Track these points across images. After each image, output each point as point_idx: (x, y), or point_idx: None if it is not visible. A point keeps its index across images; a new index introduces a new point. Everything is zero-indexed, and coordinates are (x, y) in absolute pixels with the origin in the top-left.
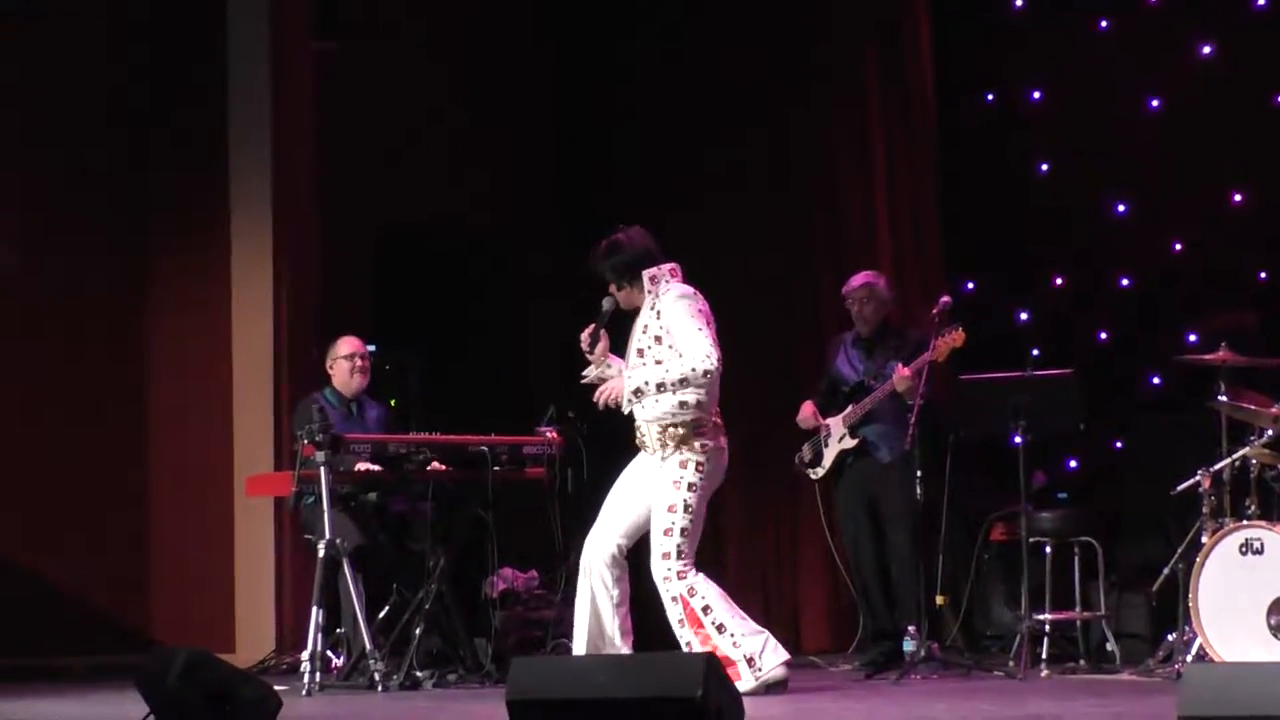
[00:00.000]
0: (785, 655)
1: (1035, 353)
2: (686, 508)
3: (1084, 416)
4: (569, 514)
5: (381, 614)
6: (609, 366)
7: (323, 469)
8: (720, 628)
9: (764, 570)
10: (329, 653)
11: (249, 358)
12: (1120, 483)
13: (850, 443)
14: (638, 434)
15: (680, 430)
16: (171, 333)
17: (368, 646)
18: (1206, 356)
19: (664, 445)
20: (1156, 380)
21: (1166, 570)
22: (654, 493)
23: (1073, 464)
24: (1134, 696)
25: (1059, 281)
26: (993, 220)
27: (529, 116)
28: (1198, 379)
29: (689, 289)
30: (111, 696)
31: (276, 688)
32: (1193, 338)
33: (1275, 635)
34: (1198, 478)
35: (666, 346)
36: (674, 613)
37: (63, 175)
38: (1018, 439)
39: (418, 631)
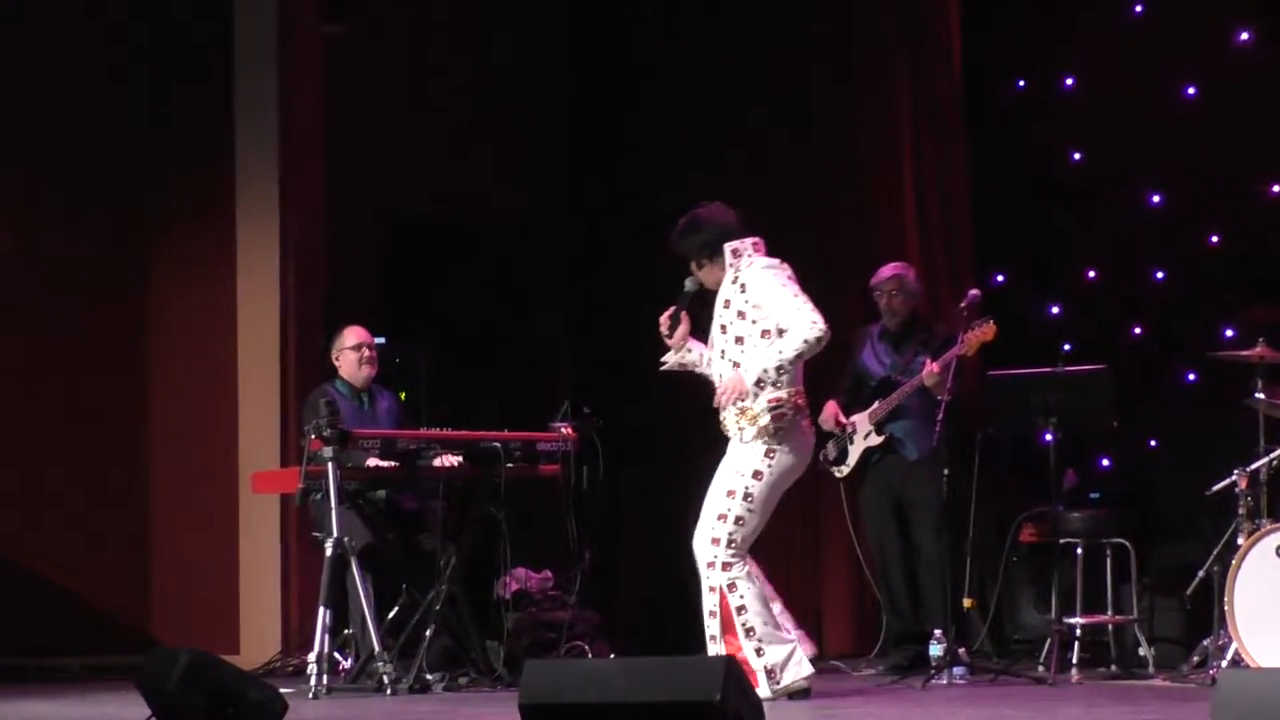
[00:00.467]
0: (809, 670)
1: (1066, 347)
2: (747, 496)
3: (1116, 414)
4: (584, 513)
5: (391, 615)
6: (689, 351)
7: (330, 464)
8: (750, 631)
9: (786, 571)
10: (336, 654)
11: (254, 349)
12: (1154, 482)
13: (876, 440)
14: (721, 422)
15: (755, 414)
16: (174, 324)
17: (376, 648)
18: (1243, 352)
19: (740, 429)
20: (1192, 377)
21: (1201, 573)
22: (721, 472)
23: (1105, 463)
24: (1167, 703)
25: (1091, 274)
26: (1023, 210)
27: (540, 102)
28: (1234, 376)
29: (773, 259)
30: (112, 698)
31: (282, 690)
32: (1229, 333)
33: None
34: (1234, 477)
35: (750, 322)
36: (708, 601)
37: (63, 163)
38: (1048, 437)
39: (428, 633)
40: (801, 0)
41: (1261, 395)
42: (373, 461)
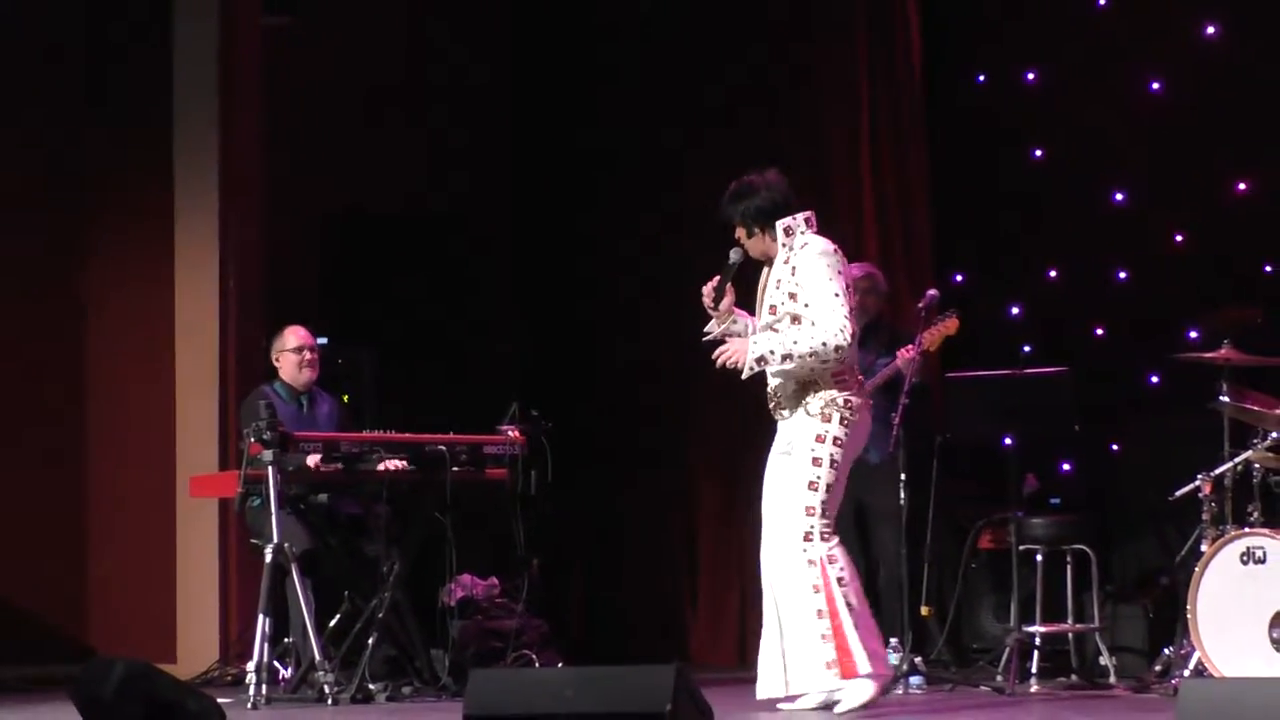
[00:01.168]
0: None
1: (1027, 349)
2: (833, 462)
3: (1078, 417)
4: (532, 518)
5: (332, 623)
6: (734, 322)
7: (270, 469)
8: (850, 607)
9: (741, 577)
10: (276, 664)
11: (193, 350)
12: (1116, 488)
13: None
14: (770, 398)
15: (821, 391)
16: (111, 325)
17: (317, 657)
18: (1208, 354)
19: (803, 407)
20: (1155, 379)
21: (1164, 580)
22: (796, 445)
23: (1066, 467)
24: (1129, 713)
25: (1053, 274)
26: (983, 209)
27: (484, 98)
28: (1199, 378)
29: (830, 245)
30: (46, 709)
31: (220, 700)
32: (1194, 334)
33: (1277, 649)
34: (1198, 482)
35: (802, 305)
36: (807, 576)
37: None
38: (1008, 441)
39: (370, 641)
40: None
41: (1226, 398)
42: (313, 462)
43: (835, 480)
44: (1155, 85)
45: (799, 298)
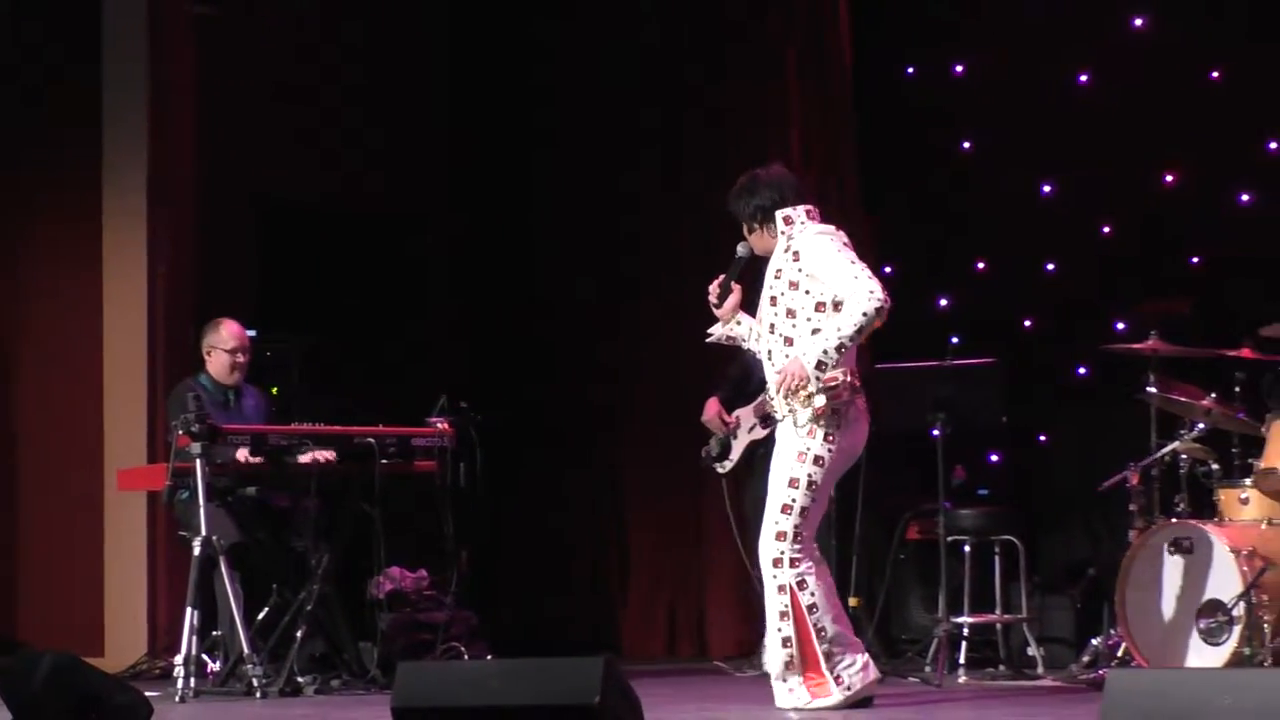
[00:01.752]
0: (875, 675)
1: (955, 341)
2: (810, 484)
3: (1006, 408)
4: (461, 510)
5: (261, 616)
6: (738, 324)
7: (199, 461)
8: (821, 632)
9: (670, 570)
10: (204, 657)
11: (121, 342)
12: (1044, 479)
13: (761, 433)
14: (769, 403)
15: (810, 394)
16: (38, 315)
17: (246, 650)
18: (1136, 345)
19: (792, 412)
20: (1083, 370)
21: (1091, 571)
22: (779, 461)
23: (994, 458)
24: (1056, 703)
25: (981, 266)
26: (912, 200)
27: (422, 85)
28: (1127, 369)
29: (827, 225)
30: None
31: (148, 694)
32: (1121, 326)
33: (1205, 640)
34: (1125, 473)
35: (804, 293)
36: (776, 602)
37: None
38: (936, 432)
39: (299, 634)
40: None
41: (1154, 389)
42: (242, 456)
43: (813, 503)
44: (1083, 78)
45: (801, 286)
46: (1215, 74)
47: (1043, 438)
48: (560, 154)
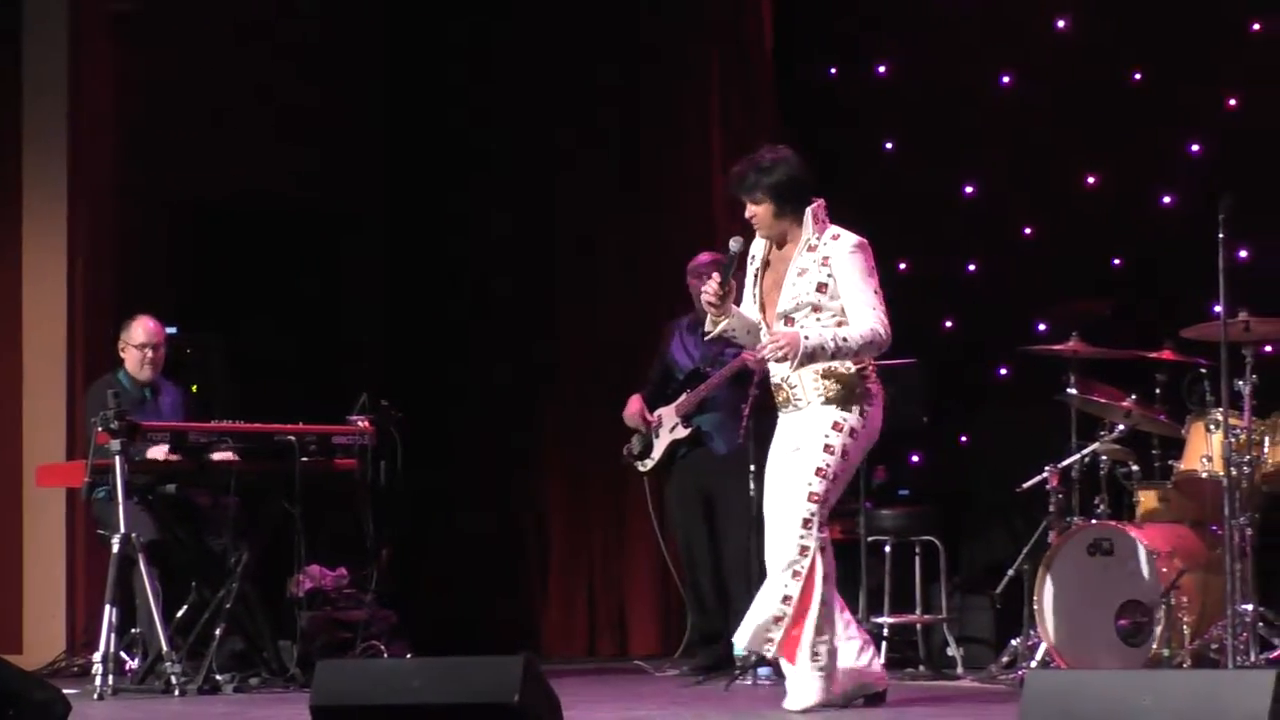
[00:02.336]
0: (870, 670)
1: None
2: (844, 453)
3: (928, 409)
4: (382, 509)
5: (180, 614)
6: (733, 317)
7: (118, 458)
8: (825, 604)
9: (590, 568)
10: (123, 654)
11: (41, 339)
12: (964, 479)
13: (683, 432)
14: (779, 391)
15: (839, 383)
16: None
17: (164, 648)
18: (1056, 347)
19: (823, 394)
20: (1004, 371)
21: (1011, 571)
22: (811, 431)
23: (915, 459)
24: (975, 704)
25: (902, 266)
26: (835, 200)
27: (351, 85)
28: (1047, 370)
29: (859, 239)
30: None
31: (66, 691)
32: (1042, 327)
33: (1124, 641)
34: (1045, 474)
35: (830, 297)
36: (791, 562)
37: None
38: None
39: (218, 632)
40: None
41: (1074, 390)
42: (158, 452)
43: (843, 472)
44: (1006, 79)
45: (828, 290)
46: (1138, 76)
47: (963, 438)
48: (484, 154)
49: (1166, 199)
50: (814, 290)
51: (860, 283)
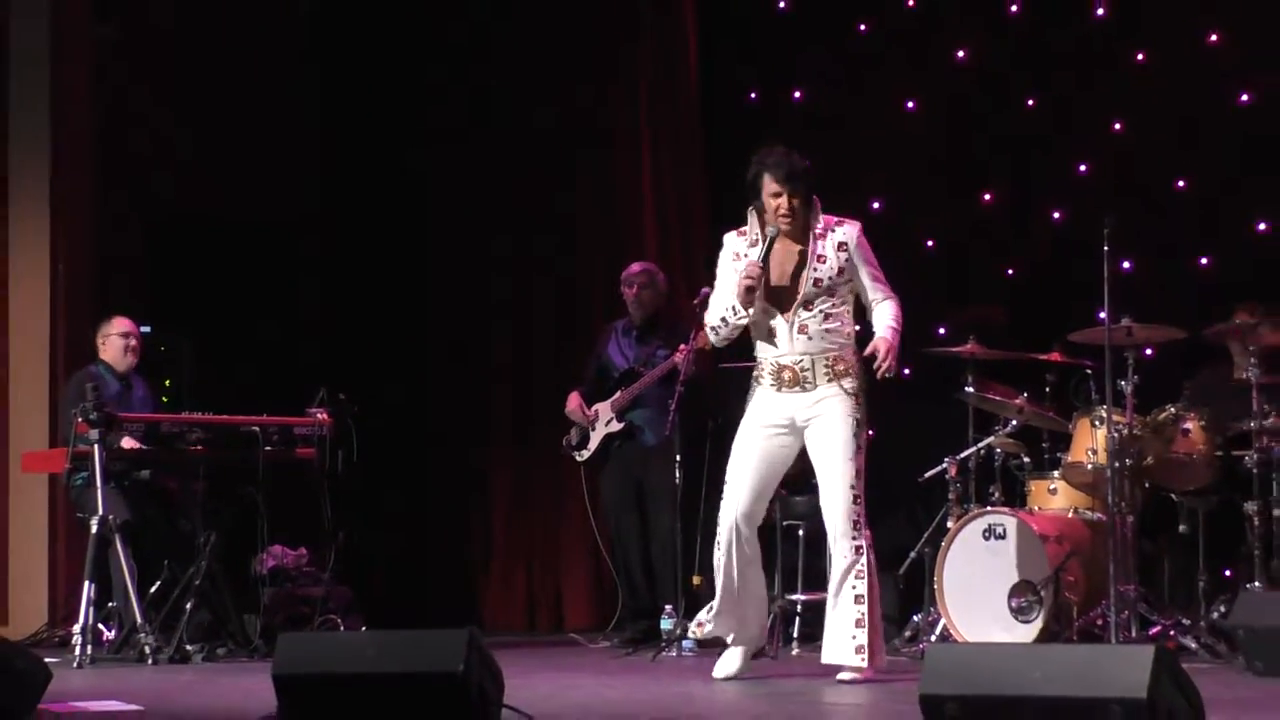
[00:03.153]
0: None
1: None
2: (864, 449)
3: None
4: (338, 494)
5: (153, 589)
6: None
7: (96, 446)
8: (878, 596)
9: (529, 549)
10: (101, 626)
11: (25, 339)
12: (871, 470)
13: (617, 426)
14: (783, 370)
15: (845, 363)
16: None
17: (139, 621)
18: (955, 349)
19: (833, 377)
20: (907, 371)
21: (913, 554)
22: (833, 431)
23: None
24: (880, 674)
25: None
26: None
27: (301, 104)
28: (947, 370)
29: (859, 224)
30: None
31: (48, 660)
32: (942, 330)
33: (1015, 617)
34: (945, 465)
35: (846, 280)
36: (851, 563)
37: None
38: None
39: (188, 606)
40: (555, 14)
41: (972, 389)
42: (129, 443)
43: (865, 464)
44: (910, 104)
45: (845, 273)
46: (1030, 102)
47: (870, 432)
48: (437, 166)
49: (1056, 215)
50: (835, 274)
51: (873, 263)
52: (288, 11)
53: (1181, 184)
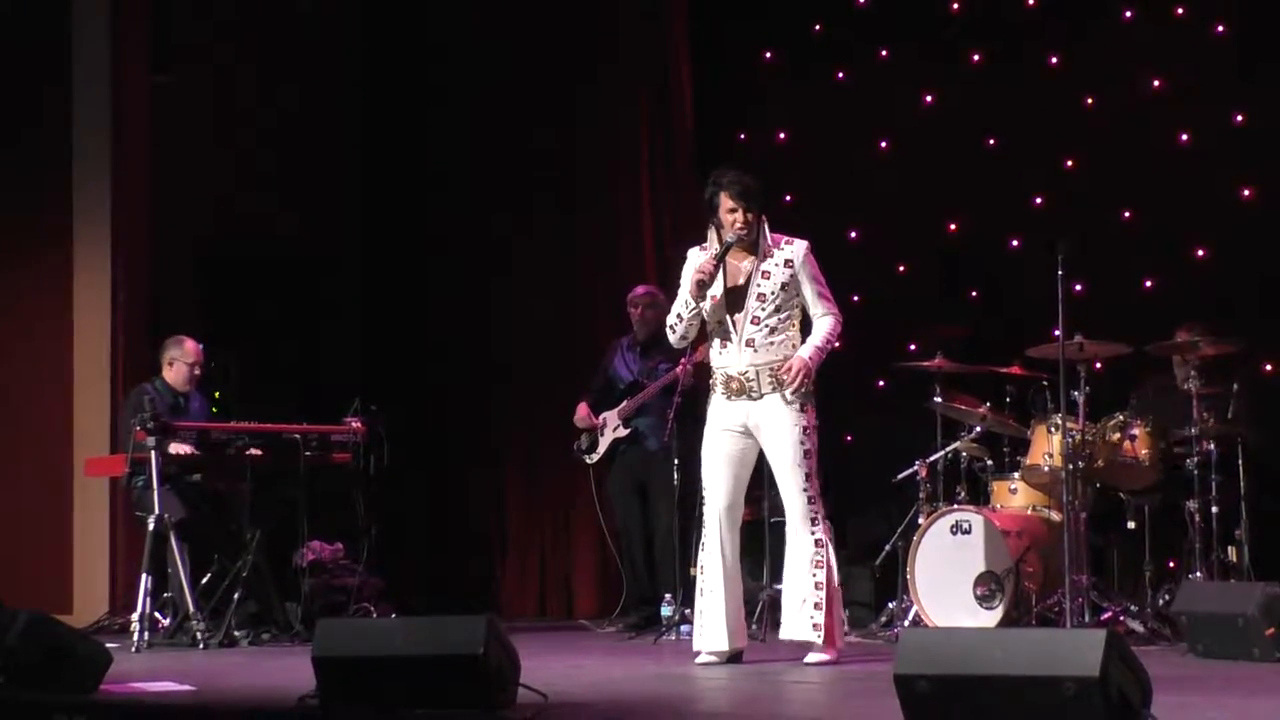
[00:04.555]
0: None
1: None
2: (815, 450)
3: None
4: (371, 494)
5: (204, 581)
6: (708, 299)
7: (153, 452)
8: (841, 585)
9: (542, 543)
10: (157, 614)
11: (88, 357)
12: (850, 471)
13: (623, 433)
14: (733, 380)
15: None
16: (18, 329)
17: (191, 609)
18: (924, 363)
19: (776, 386)
20: (882, 383)
21: (888, 547)
22: (781, 436)
23: None
24: (858, 656)
25: None
26: None
27: (335, 145)
28: (917, 382)
29: (806, 242)
30: None
31: (109, 645)
32: (913, 347)
33: (980, 604)
34: (916, 467)
35: (790, 295)
36: (818, 554)
37: None
38: None
39: (236, 596)
40: (560, 65)
41: (940, 399)
42: (180, 448)
43: (817, 464)
44: (883, 143)
45: (790, 289)
46: (991, 141)
47: (849, 438)
48: (446, 198)
49: (1015, 242)
50: (779, 289)
51: (819, 280)
52: (327, 71)
53: (1127, 214)
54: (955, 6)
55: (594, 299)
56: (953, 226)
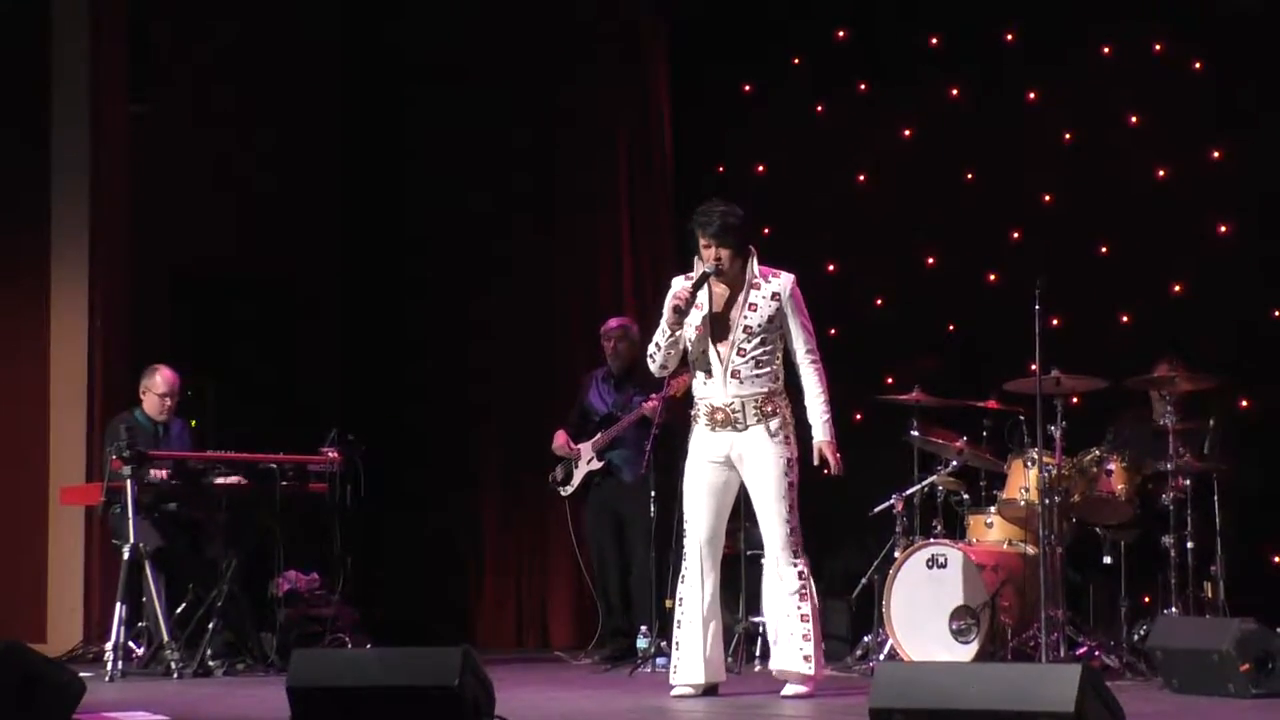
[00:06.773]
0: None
1: None
2: (796, 484)
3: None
4: (347, 524)
5: (179, 610)
6: (685, 328)
7: (129, 481)
8: (819, 615)
9: (518, 574)
10: (131, 643)
11: (65, 385)
12: (827, 503)
13: (597, 465)
14: (717, 412)
15: (779, 416)
16: None
17: (166, 638)
18: (902, 397)
19: (761, 418)
20: (859, 416)
21: (864, 580)
22: (763, 470)
23: None
24: (834, 689)
25: None
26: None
27: (313, 176)
28: (894, 416)
29: (793, 276)
30: None
31: (82, 674)
32: (890, 380)
33: (956, 638)
34: (892, 501)
35: (777, 328)
36: (795, 586)
37: None
38: None
39: (211, 625)
40: (550, 107)
41: (917, 433)
42: (157, 474)
43: (797, 498)
44: (861, 177)
45: (775, 322)
46: (969, 176)
47: (825, 471)
48: (425, 233)
49: (992, 277)
50: (765, 322)
51: (805, 316)
52: (306, 101)
53: (1104, 249)
54: (934, 41)
55: (570, 334)
56: (930, 260)
